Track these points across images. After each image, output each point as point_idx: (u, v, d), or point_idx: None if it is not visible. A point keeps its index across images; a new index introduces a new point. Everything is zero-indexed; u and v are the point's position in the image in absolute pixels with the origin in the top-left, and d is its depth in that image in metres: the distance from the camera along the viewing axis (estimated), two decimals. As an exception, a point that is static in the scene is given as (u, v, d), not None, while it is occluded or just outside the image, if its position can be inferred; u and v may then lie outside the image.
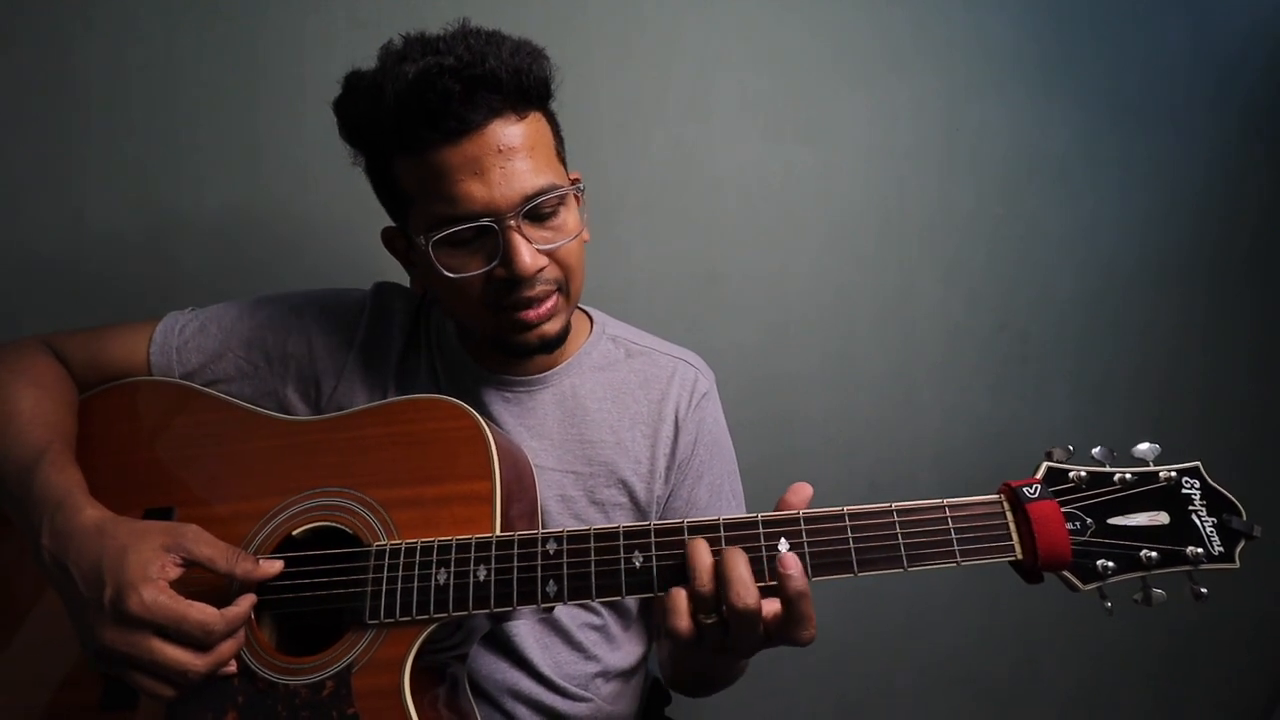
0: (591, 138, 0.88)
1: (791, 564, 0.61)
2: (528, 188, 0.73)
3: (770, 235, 1.31)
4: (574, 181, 0.81)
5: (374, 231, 0.87)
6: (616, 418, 0.89)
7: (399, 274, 0.92)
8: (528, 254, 0.73)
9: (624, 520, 0.88)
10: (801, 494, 0.67)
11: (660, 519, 0.90)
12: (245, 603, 0.68)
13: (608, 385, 0.90)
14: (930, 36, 1.31)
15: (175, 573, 0.66)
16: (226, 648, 0.66)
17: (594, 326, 0.94)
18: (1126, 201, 1.38)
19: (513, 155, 0.72)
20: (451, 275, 0.75)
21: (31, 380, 0.80)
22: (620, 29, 1.24)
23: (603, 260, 1.05)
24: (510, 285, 0.75)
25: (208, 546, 0.68)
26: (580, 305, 0.95)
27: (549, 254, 0.76)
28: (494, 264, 0.74)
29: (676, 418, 0.90)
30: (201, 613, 0.64)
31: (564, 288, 0.80)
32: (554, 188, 0.75)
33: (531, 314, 0.77)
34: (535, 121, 0.76)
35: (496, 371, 0.88)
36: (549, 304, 0.78)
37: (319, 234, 1.21)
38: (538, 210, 0.75)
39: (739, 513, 0.94)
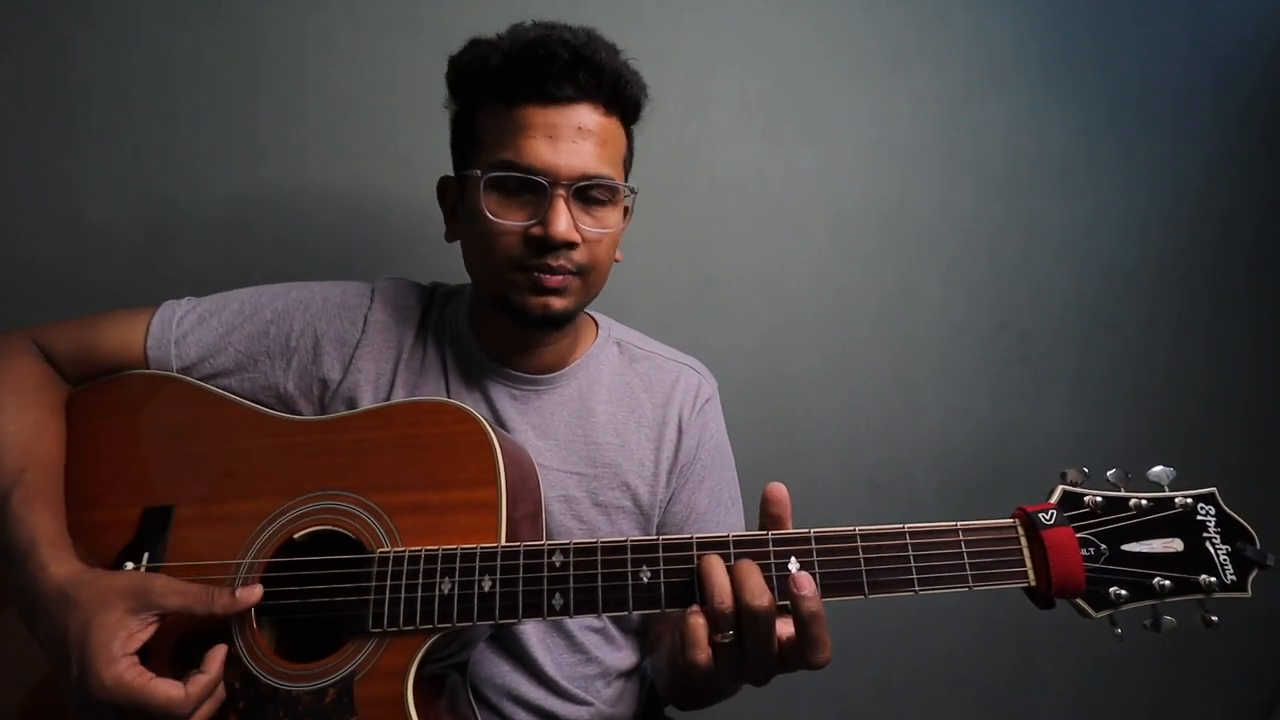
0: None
1: (805, 584, 0.60)
2: (589, 168, 0.77)
3: (770, 235, 1.31)
4: (631, 191, 0.84)
5: (375, 230, 0.87)
6: (622, 420, 0.89)
7: (402, 270, 0.93)
8: (565, 221, 0.76)
9: (626, 523, 0.88)
10: (780, 495, 0.65)
11: (659, 522, 0.90)
12: (214, 665, 0.65)
13: (613, 388, 0.90)
14: (930, 36, 1.31)
15: (144, 637, 0.65)
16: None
17: (600, 331, 0.94)
18: (1126, 201, 1.38)
19: (588, 137, 0.77)
20: (493, 218, 0.77)
21: (9, 389, 0.77)
22: (620, 29, 1.23)
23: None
24: (539, 248, 0.77)
25: (178, 596, 0.66)
26: (587, 310, 0.95)
27: (584, 236, 0.79)
28: (533, 222, 0.77)
29: (680, 422, 0.90)
30: (166, 692, 0.62)
31: (584, 274, 0.81)
32: (612, 179, 0.80)
33: (547, 279, 0.79)
34: (617, 127, 0.81)
35: (506, 366, 0.87)
36: (563, 278, 0.79)
37: (320, 233, 1.20)
38: (588, 193, 0.78)
39: (738, 518, 0.95)
